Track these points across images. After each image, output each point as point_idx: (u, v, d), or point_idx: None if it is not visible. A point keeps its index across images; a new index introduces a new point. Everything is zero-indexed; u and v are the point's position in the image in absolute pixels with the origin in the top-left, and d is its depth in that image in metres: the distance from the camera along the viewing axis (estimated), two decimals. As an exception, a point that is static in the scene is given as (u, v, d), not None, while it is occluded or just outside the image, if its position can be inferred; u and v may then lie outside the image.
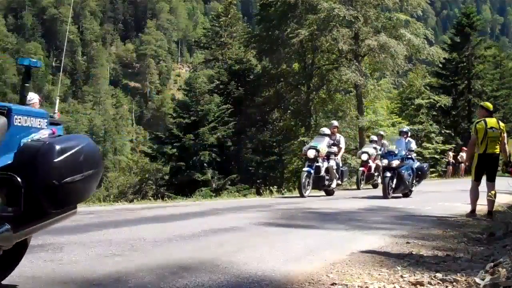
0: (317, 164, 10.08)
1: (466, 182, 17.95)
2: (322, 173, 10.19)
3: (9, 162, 2.11)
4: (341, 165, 11.47)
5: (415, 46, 19.54)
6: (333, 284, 2.77)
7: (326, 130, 11.14)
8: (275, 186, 13.68)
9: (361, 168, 13.25)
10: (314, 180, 10.08)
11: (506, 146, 6.82)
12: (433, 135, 26.44)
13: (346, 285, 2.74)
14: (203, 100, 18.80)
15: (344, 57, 20.07)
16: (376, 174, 13.30)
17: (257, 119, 21.72)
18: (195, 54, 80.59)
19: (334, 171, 10.54)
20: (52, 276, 2.69)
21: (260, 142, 21.71)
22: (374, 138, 14.35)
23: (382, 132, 14.89)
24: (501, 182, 7.13)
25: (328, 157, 10.52)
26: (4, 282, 2.41)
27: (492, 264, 3.01)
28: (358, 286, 2.74)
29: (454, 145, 26.13)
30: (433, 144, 26.05)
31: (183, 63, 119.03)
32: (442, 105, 25.79)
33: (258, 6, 25.39)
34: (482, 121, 6.65)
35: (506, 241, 4.12)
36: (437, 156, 25.73)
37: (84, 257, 3.20)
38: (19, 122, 2.20)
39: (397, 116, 24.39)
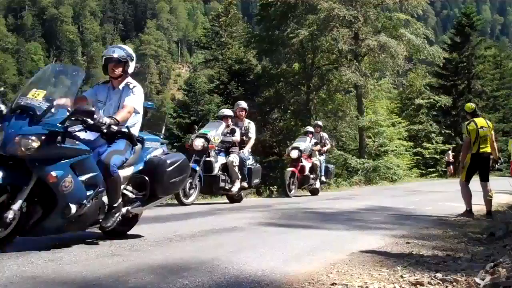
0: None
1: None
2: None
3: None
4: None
5: (415, 46, 19.54)
6: (333, 284, 2.76)
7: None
8: (275, 186, 13.67)
9: (289, 169, 10.15)
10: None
11: (495, 144, 6.99)
12: (433, 135, 26.45)
13: (346, 285, 2.74)
14: (203, 100, 18.82)
15: (344, 57, 20.07)
16: (312, 176, 10.55)
17: (257, 119, 21.70)
18: (195, 54, 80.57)
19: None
20: (52, 276, 2.69)
21: (260, 142, 21.71)
22: (310, 129, 11.27)
23: (320, 123, 12.44)
24: (501, 182, 7.13)
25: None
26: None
27: (492, 264, 3.01)
28: (358, 286, 2.74)
29: (454, 145, 26.13)
30: (433, 144, 26.06)
31: (183, 63, 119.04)
32: (442, 105, 25.79)
33: (258, 6, 25.37)
34: (472, 122, 6.82)
35: (506, 241, 4.12)
36: (437, 156, 25.73)
37: (84, 257, 3.19)
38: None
39: (397, 116, 24.39)
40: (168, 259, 3.25)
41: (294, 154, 10.09)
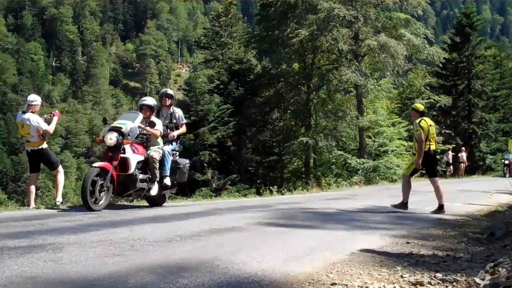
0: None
1: (466, 182, 18.01)
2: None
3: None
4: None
5: (415, 46, 19.52)
6: (333, 284, 2.77)
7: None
8: (275, 186, 13.67)
9: (96, 165, 6.33)
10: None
11: (436, 143, 7.45)
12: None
13: (346, 285, 2.74)
14: (203, 100, 18.80)
15: (344, 57, 20.06)
16: (144, 176, 6.75)
17: (257, 119, 21.72)
18: (195, 54, 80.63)
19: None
20: (52, 276, 2.69)
21: (260, 142, 21.72)
22: (148, 101, 7.22)
23: (170, 91, 7.90)
24: (502, 182, 7.13)
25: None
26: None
27: (492, 264, 3.01)
28: (358, 286, 2.74)
29: (454, 145, 26.13)
30: (433, 144, 26.01)
31: (183, 63, 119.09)
32: (442, 105, 25.77)
33: (258, 6, 25.41)
34: (423, 120, 7.12)
35: (506, 241, 4.12)
36: (437, 156, 25.71)
37: (84, 257, 3.20)
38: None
39: (397, 116, 24.38)
40: (168, 259, 3.25)
41: (110, 139, 6.26)
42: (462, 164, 24.63)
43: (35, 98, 7.06)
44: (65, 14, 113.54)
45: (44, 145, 6.99)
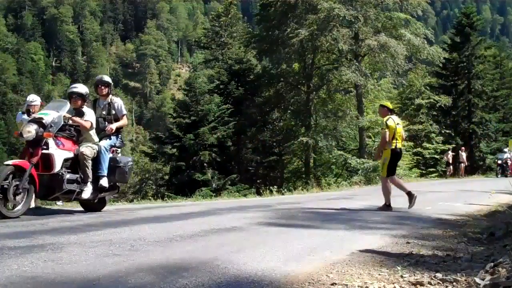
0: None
1: (466, 182, 17.99)
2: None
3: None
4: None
5: (415, 46, 19.52)
6: (333, 284, 2.77)
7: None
8: (275, 186, 13.68)
9: (10, 162, 5.31)
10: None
11: (402, 140, 7.65)
12: (433, 135, 26.44)
13: (346, 285, 2.74)
14: (203, 100, 18.81)
15: (344, 57, 20.06)
16: (72, 177, 5.77)
17: (257, 119, 21.72)
18: (195, 54, 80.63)
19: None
20: (52, 276, 2.69)
21: (260, 142, 21.73)
22: (79, 89, 6.21)
23: (107, 78, 6.80)
24: (502, 182, 7.13)
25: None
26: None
27: (492, 264, 3.01)
28: (358, 286, 2.74)
29: (454, 145, 26.13)
30: (433, 144, 26.05)
31: (183, 63, 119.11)
32: (442, 105, 25.77)
33: (258, 6, 25.40)
34: (391, 119, 7.26)
35: (506, 241, 4.11)
36: (437, 156, 25.73)
37: (84, 257, 3.19)
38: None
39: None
40: (168, 259, 3.25)
41: (28, 132, 5.38)
42: (462, 164, 24.63)
43: (34, 98, 7.07)
44: (65, 14, 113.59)
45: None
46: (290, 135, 21.96)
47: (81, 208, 6.56)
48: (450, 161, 24.61)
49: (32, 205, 6.98)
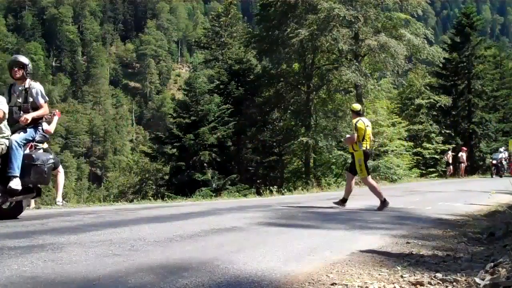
0: None
1: (466, 182, 17.98)
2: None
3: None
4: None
5: (415, 46, 19.50)
6: (333, 284, 2.77)
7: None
8: (275, 186, 13.68)
9: None
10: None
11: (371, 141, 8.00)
12: (433, 135, 26.45)
13: (346, 285, 2.74)
14: (203, 100, 18.81)
15: (344, 57, 20.05)
16: None
17: (257, 119, 21.72)
18: (195, 54, 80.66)
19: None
20: (52, 276, 2.69)
21: (260, 142, 21.72)
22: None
23: (23, 59, 5.71)
24: (502, 182, 7.12)
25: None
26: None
27: (492, 264, 3.01)
28: (358, 286, 2.74)
29: (454, 145, 26.13)
30: (433, 144, 26.06)
31: (183, 63, 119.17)
32: (442, 105, 25.78)
33: (258, 6, 25.36)
34: (361, 121, 7.54)
35: (506, 241, 4.11)
36: (437, 156, 25.74)
37: (84, 257, 3.20)
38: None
39: (397, 116, 24.38)
40: (168, 259, 3.25)
41: None
42: (462, 164, 24.64)
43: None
44: (65, 14, 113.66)
45: (45, 145, 6.98)
46: (290, 135, 21.95)
47: (81, 209, 6.56)
48: (450, 161, 24.64)
49: (32, 205, 6.99)
